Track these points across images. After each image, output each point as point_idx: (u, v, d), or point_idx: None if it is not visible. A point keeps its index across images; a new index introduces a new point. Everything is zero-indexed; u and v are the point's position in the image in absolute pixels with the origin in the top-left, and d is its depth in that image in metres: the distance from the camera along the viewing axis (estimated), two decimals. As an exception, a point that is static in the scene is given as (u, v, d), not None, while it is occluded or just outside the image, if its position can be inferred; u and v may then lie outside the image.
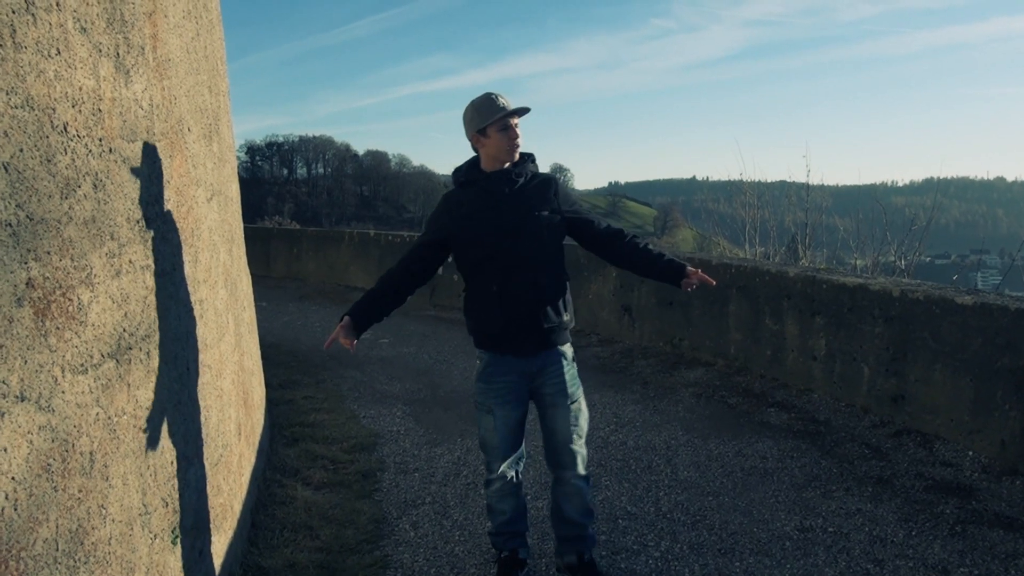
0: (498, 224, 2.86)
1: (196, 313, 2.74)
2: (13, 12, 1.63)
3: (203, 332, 2.82)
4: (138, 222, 2.22)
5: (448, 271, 10.61)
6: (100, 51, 2.01)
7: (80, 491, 1.75)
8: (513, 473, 3.07)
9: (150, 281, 2.26)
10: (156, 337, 2.27)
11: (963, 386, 4.44)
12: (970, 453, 4.29)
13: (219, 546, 2.77)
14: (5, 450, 1.49)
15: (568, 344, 3.04)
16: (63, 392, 1.71)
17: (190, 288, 2.69)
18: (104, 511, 1.85)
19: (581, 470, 3.04)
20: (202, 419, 2.70)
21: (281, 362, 7.06)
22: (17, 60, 1.63)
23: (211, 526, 2.72)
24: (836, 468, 4.24)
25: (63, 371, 1.72)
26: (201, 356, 2.77)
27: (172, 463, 2.32)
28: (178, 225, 2.59)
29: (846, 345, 5.33)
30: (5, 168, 1.57)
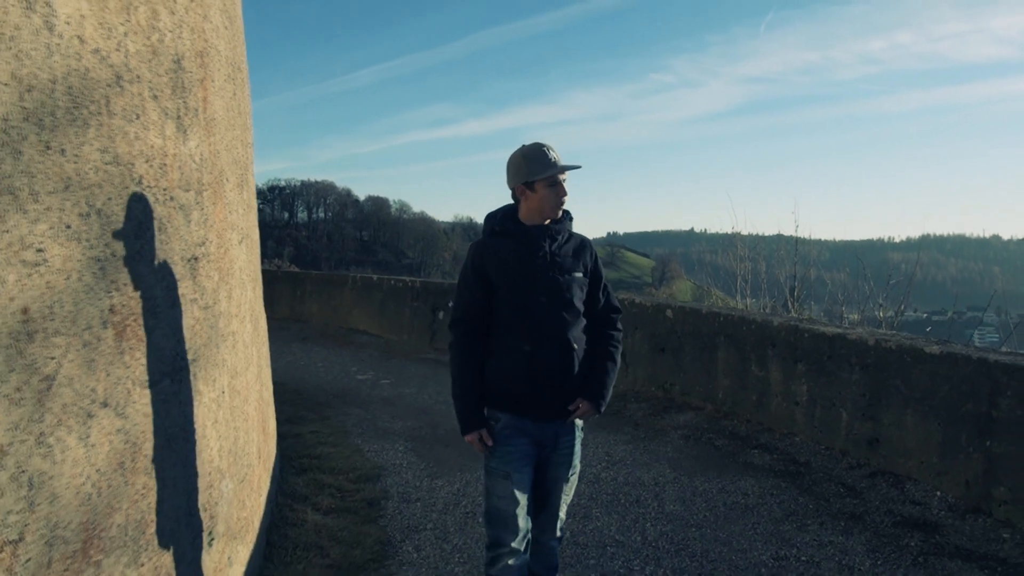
0: (535, 282, 2.76)
1: (229, 344, 3.06)
2: (108, 86, 1.99)
3: (234, 361, 3.13)
4: (189, 261, 2.55)
5: (448, 315, 10.96)
6: (167, 114, 2.38)
7: (144, 488, 2.05)
8: (526, 552, 2.83)
9: (197, 313, 2.59)
10: (200, 362, 2.59)
11: (932, 430, 4.74)
12: (938, 493, 4.58)
13: (242, 555, 3.05)
14: (93, 446, 1.80)
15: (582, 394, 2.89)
16: (134, 402, 2.02)
17: (225, 321, 3.01)
18: (160, 508, 2.15)
19: (558, 533, 3.00)
20: (232, 439, 3.00)
21: (287, 400, 7.33)
22: (110, 125, 1.99)
23: (237, 536, 3.00)
24: (812, 504, 4.51)
25: (134, 385, 2.04)
26: (232, 382, 3.08)
27: (210, 474, 2.62)
28: (218, 265, 2.93)
29: (826, 391, 5.64)
30: (99, 213, 1.92)
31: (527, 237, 2.82)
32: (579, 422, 2.92)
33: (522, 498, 2.77)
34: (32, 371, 1.59)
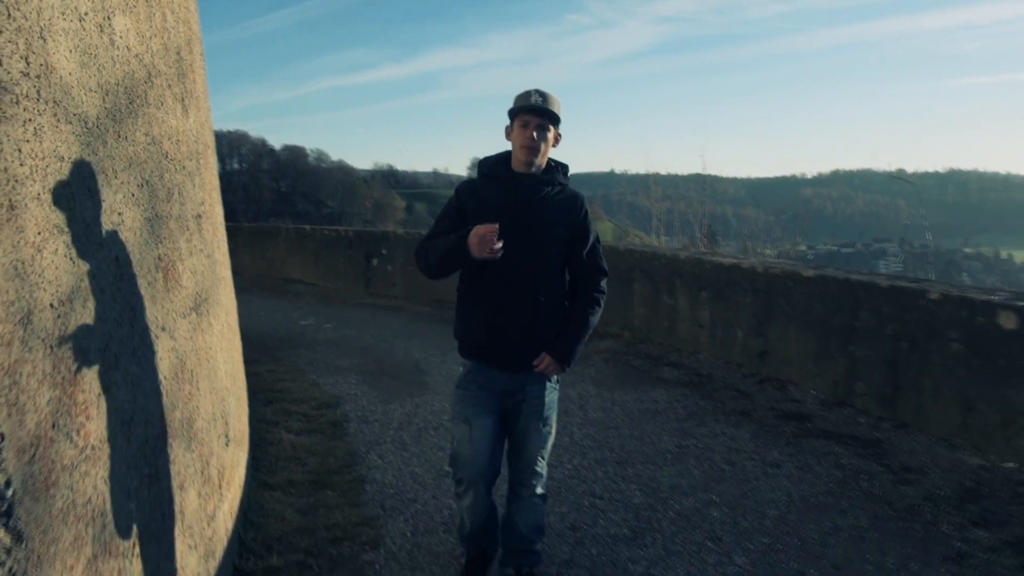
0: (511, 230, 2.68)
1: (223, 287, 3.63)
2: (144, 83, 2.53)
3: (227, 301, 3.71)
4: (196, 218, 3.11)
5: (383, 263, 11.52)
6: (176, 98, 2.91)
7: (188, 394, 2.66)
8: (484, 488, 2.91)
9: (204, 261, 3.16)
10: (209, 301, 3.17)
11: (809, 341, 5.65)
12: (812, 392, 5.51)
13: (243, 459, 3.68)
14: (161, 359, 2.40)
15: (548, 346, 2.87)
16: (178, 329, 2.62)
17: (220, 268, 3.58)
18: (199, 411, 2.76)
19: (540, 489, 2.99)
20: (231, 363, 3.60)
21: (238, 344, 7.83)
22: (147, 113, 2.54)
23: (240, 444, 3.62)
24: (711, 406, 5.39)
25: (177, 316, 2.63)
26: (227, 318, 3.66)
27: (221, 390, 3.23)
28: (212, 221, 3.48)
29: (725, 314, 6.51)
30: (147, 184, 2.48)
31: (513, 184, 2.79)
32: (555, 375, 2.93)
33: (481, 443, 2.82)
34: (124, 303, 2.17)
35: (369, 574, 3.16)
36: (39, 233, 1.71)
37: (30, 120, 1.70)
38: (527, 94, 2.77)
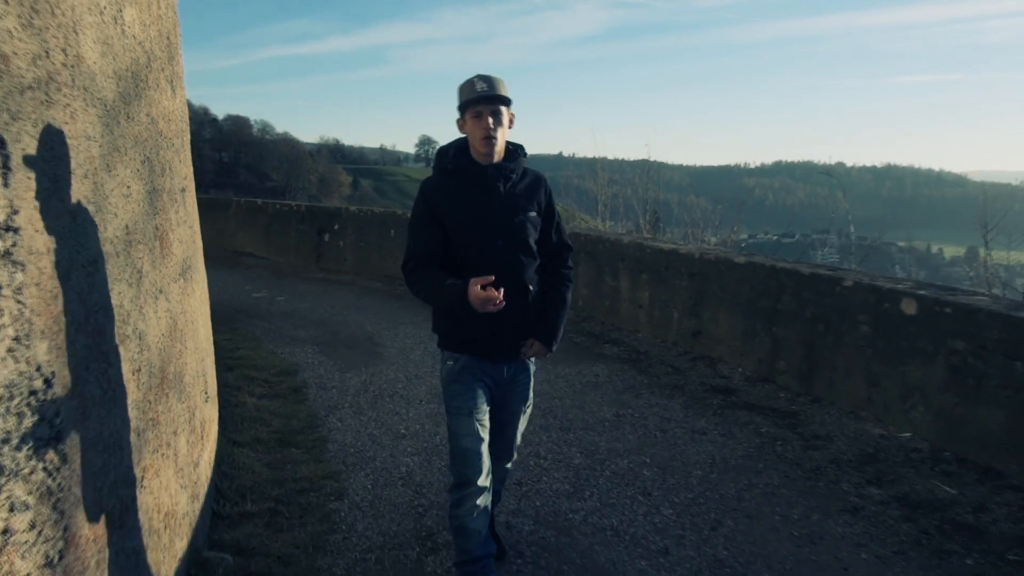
0: (490, 224, 2.72)
1: (199, 256, 3.89)
2: (144, 67, 2.78)
3: (202, 269, 3.97)
4: (181, 192, 3.37)
5: (335, 239, 11.71)
6: (167, 80, 3.16)
7: (179, 351, 2.94)
8: (489, 483, 2.80)
9: (188, 231, 3.42)
10: (191, 269, 3.44)
11: (737, 322, 6.12)
12: (740, 369, 5.99)
13: (216, 416, 3.95)
14: (160, 318, 2.68)
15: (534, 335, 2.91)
16: (171, 292, 2.90)
17: (197, 239, 3.83)
18: (187, 367, 3.04)
19: (515, 457, 3.17)
20: (207, 328, 3.86)
21: (193, 314, 8.00)
22: (148, 95, 2.80)
23: (213, 402, 3.90)
24: (647, 380, 5.82)
25: (170, 280, 2.90)
26: (202, 285, 3.92)
27: (203, 349, 3.50)
28: (190, 194, 3.73)
29: (663, 296, 6.96)
30: (148, 160, 2.74)
31: (481, 176, 2.74)
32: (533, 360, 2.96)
33: (484, 434, 2.78)
34: (132, 267, 2.45)
35: (335, 520, 3.49)
36: (75, 203, 1.99)
37: (67, 105, 1.98)
38: (471, 83, 2.70)
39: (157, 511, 2.52)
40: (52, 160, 1.88)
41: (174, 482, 2.74)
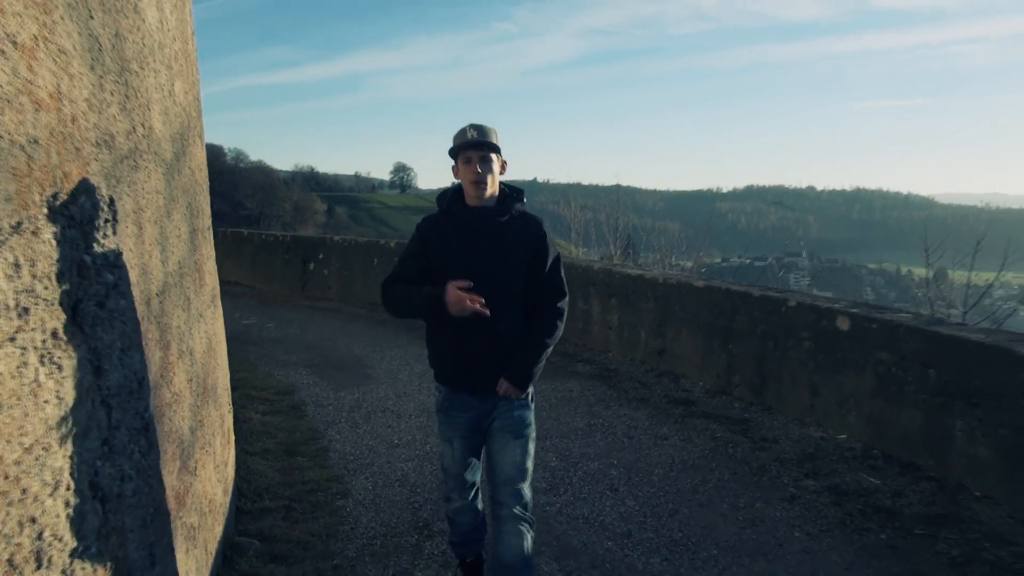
0: (469, 264, 2.81)
1: (217, 286, 4.41)
2: (187, 128, 3.33)
3: (218, 294, 4.48)
4: (208, 229, 3.89)
5: (320, 267, 12.21)
6: (198, 134, 3.70)
7: (214, 367, 3.46)
8: (470, 495, 3.15)
9: (213, 264, 3.94)
10: (216, 296, 3.96)
11: (698, 341, 6.72)
12: (700, 383, 6.58)
13: (233, 427, 4.45)
14: (201, 338, 3.20)
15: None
16: (206, 316, 3.42)
17: (216, 270, 4.35)
18: (219, 380, 3.56)
19: (518, 509, 2.90)
20: (224, 349, 4.38)
21: (190, 340, 8.46)
22: (189, 151, 3.34)
23: (230, 415, 4.40)
24: (616, 394, 6.39)
25: (205, 306, 3.43)
26: (220, 311, 4.43)
27: (225, 366, 4.01)
28: (211, 231, 4.26)
29: (631, 317, 7.55)
30: (190, 205, 3.28)
31: (471, 220, 2.86)
32: (530, 390, 3.02)
33: (465, 461, 3.07)
34: (183, 294, 2.98)
35: (342, 514, 4.00)
36: (151, 244, 2.53)
37: (146, 167, 2.53)
38: (463, 131, 2.83)
39: (204, 497, 3.03)
40: (137, 211, 2.42)
41: (213, 476, 3.25)
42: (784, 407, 5.75)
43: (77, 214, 1.99)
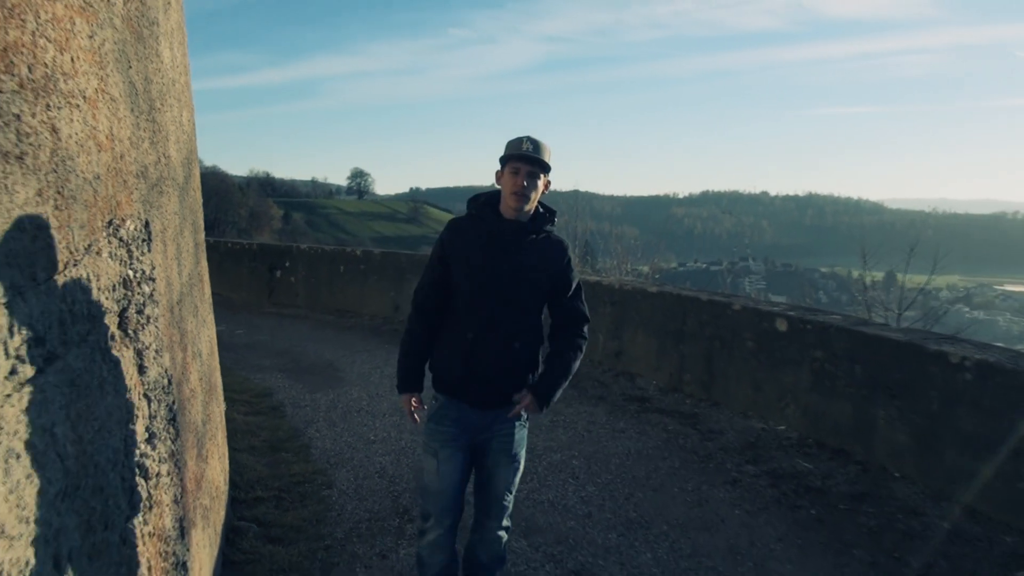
0: (490, 276, 2.79)
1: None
2: (191, 152, 3.69)
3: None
4: (203, 243, 4.25)
5: (286, 275, 12.48)
6: (196, 156, 4.06)
7: (214, 367, 3.82)
8: (447, 524, 2.96)
9: (207, 273, 4.29)
10: (211, 303, 4.31)
11: (652, 343, 7.21)
12: (654, 382, 7.07)
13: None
14: (206, 341, 3.57)
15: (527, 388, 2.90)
16: (207, 321, 3.78)
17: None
18: (218, 380, 3.91)
19: (506, 521, 3.04)
20: (215, 353, 4.72)
21: (164, 347, 8.72)
22: (193, 173, 3.70)
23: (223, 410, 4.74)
24: (576, 393, 6.84)
25: (207, 311, 3.79)
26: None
27: (216, 370, 4.36)
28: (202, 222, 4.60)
29: (591, 322, 7.99)
30: (193, 222, 3.64)
31: (498, 229, 2.82)
32: (523, 414, 2.95)
33: (449, 477, 2.89)
34: (193, 303, 3.34)
35: (329, 502, 4.38)
36: (171, 259, 2.91)
37: (168, 192, 2.90)
38: (519, 141, 2.78)
39: (212, 483, 3.40)
40: (163, 231, 2.80)
41: (218, 465, 3.61)
42: (730, 402, 6.26)
43: (125, 236, 2.37)
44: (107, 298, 2.21)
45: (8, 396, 1.69)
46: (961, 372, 4.35)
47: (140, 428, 2.39)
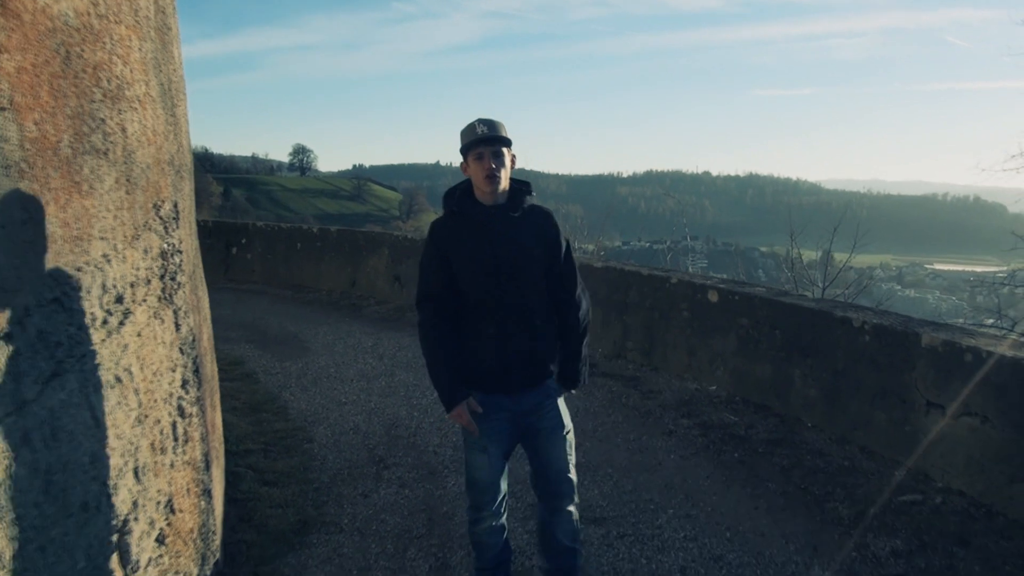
0: (495, 266, 2.80)
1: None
2: (188, 139, 4.12)
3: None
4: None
5: (243, 252, 12.77)
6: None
7: (211, 356, 4.27)
8: (502, 510, 3.08)
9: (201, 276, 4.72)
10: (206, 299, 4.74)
11: (598, 313, 7.81)
12: (600, 349, 7.70)
13: (210, 389, 5.24)
14: (206, 320, 4.02)
15: (555, 376, 3.02)
16: (204, 307, 4.23)
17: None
18: (211, 365, 4.37)
19: (576, 498, 3.06)
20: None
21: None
22: (189, 161, 4.14)
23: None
24: (529, 360, 7.42)
25: (201, 281, 4.23)
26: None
27: (209, 351, 4.80)
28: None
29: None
30: (193, 205, 4.08)
31: (484, 218, 2.81)
32: (554, 383, 3.02)
33: (498, 470, 2.98)
34: (200, 274, 3.79)
35: (312, 454, 4.89)
36: (188, 235, 3.37)
37: (186, 178, 3.37)
38: (472, 127, 2.79)
39: (218, 429, 3.88)
40: (185, 212, 3.26)
41: (219, 415, 4.08)
42: (668, 366, 6.92)
43: (164, 214, 2.85)
44: (157, 265, 2.70)
45: (103, 340, 2.20)
46: (862, 335, 5.06)
47: (178, 375, 2.89)
